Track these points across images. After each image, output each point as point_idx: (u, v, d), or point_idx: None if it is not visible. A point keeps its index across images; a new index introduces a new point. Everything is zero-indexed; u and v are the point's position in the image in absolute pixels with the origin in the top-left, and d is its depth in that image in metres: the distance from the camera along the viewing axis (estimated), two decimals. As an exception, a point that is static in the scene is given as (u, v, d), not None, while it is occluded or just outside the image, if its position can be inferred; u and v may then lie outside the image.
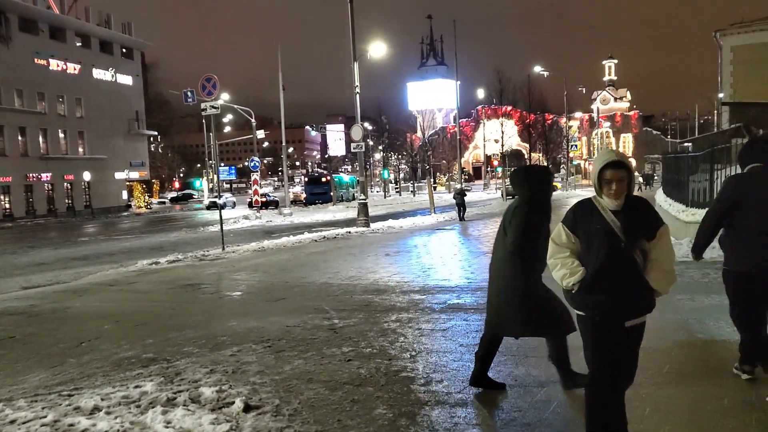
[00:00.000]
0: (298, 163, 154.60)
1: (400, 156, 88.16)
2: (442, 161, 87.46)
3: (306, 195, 56.87)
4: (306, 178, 67.77)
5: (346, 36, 23.22)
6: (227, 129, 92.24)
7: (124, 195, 59.66)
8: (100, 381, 5.39)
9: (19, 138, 48.03)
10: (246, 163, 47.50)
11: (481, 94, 63.39)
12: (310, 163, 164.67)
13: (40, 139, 50.03)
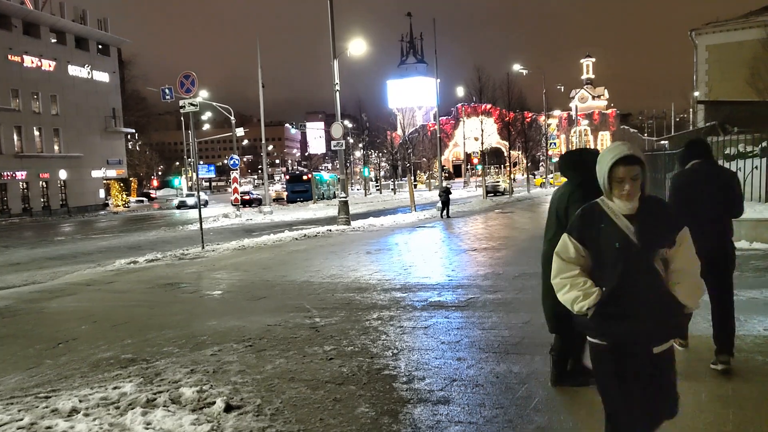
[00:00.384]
0: (278, 161, 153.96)
1: (381, 154, 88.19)
2: (423, 159, 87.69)
3: (287, 193, 57.49)
4: (287, 177, 68.30)
5: (326, 33, 23.18)
6: (206, 127, 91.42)
7: (101, 193, 58.90)
8: (78, 382, 5.31)
9: (-7, 136, 47.19)
10: (225, 161, 47.17)
11: (460, 92, 63.65)
12: (290, 161, 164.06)
13: (15, 137, 49.16)
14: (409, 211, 29.04)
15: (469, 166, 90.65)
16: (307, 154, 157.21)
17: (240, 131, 44.23)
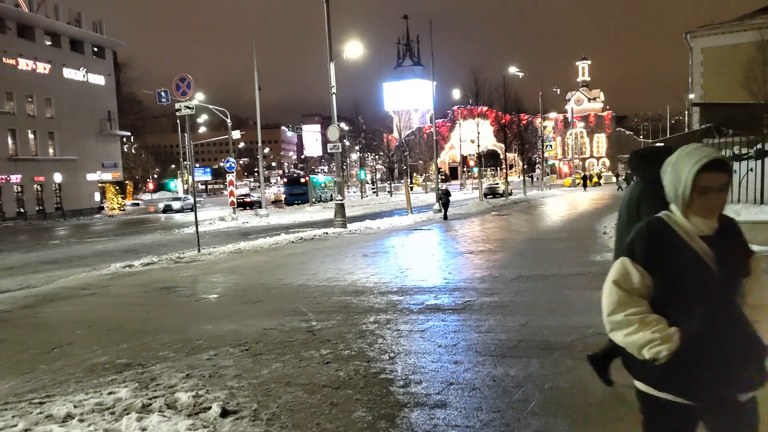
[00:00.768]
0: (274, 164, 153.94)
1: (377, 156, 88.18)
2: (419, 161, 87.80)
3: (285, 195, 58.14)
4: (285, 179, 69.16)
5: (322, 35, 23.17)
6: (202, 129, 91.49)
7: (97, 197, 58.66)
8: (72, 387, 5.28)
9: (-12, 139, 47.04)
10: (222, 164, 47.17)
11: (457, 94, 63.50)
12: (286, 164, 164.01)
13: (9, 140, 48.98)
14: (405, 214, 29.05)
15: (465, 169, 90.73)
16: (303, 157, 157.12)
17: (236, 134, 44.32)
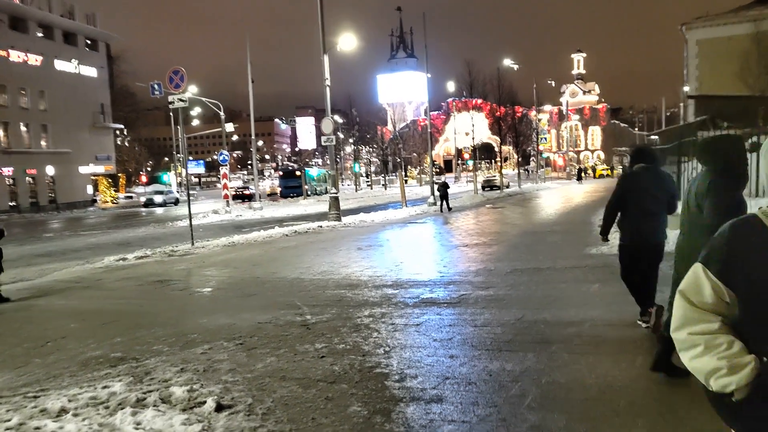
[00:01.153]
0: (267, 157, 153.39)
1: (371, 149, 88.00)
2: (413, 154, 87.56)
3: (281, 188, 58.48)
4: (281, 172, 69.58)
5: (316, 27, 23.06)
6: (195, 122, 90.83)
7: (90, 190, 58.38)
8: (66, 382, 5.25)
9: (-21, 131, 46.71)
10: (215, 157, 47.04)
11: (451, 86, 63.48)
12: (280, 157, 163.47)
13: (1, 133, 48.64)
14: (400, 207, 29.05)
15: (459, 162, 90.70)
16: (297, 150, 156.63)
17: (229, 126, 44.07)
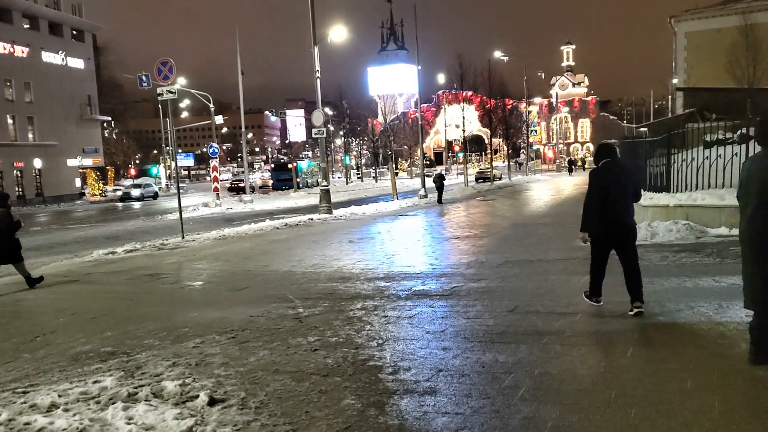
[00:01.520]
0: (257, 149, 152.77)
1: (362, 141, 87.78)
2: (404, 147, 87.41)
3: (273, 181, 58.77)
4: (273, 165, 70.19)
5: (306, 19, 22.92)
6: (184, 114, 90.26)
7: (78, 183, 57.91)
8: (56, 376, 5.21)
9: (-35, 124, 46.13)
10: (205, 149, 46.74)
11: (442, 79, 63.36)
12: (270, 149, 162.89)
13: (-13, 125, 48.15)
14: (391, 199, 29.03)
15: (450, 154, 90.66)
16: (287, 142, 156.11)
17: (219, 119, 43.73)
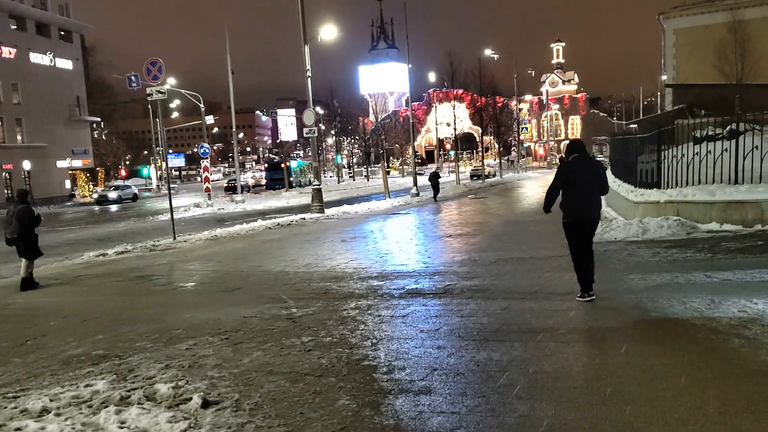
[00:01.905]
0: (249, 149, 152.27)
1: (353, 140, 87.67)
2: (395, 145, 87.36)
3: (267, 180, 59.29)
4: (266, 165, 71.06)
5: (296, 17, 22.84)
6: (175, 114, 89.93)
7: (67, 184, 57.50)
8: (48, 381, 5.15)
9: (-48, 126, 45.67)
10: (195, 150, 46.56)
11: (432, 77, 63.39)
12: (261, 149, 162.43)
13: (-25, 127, 47.70)
14: (383, 198, 29.02)
15: (441, 152, 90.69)
16: (278, 142, 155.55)
17: (210, 119, 43.60)
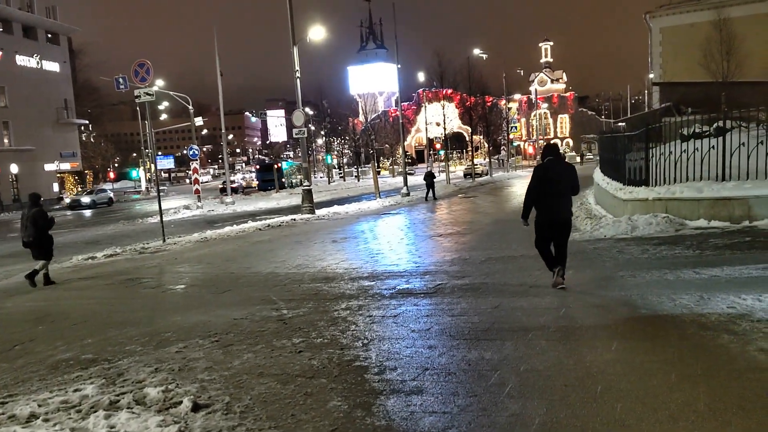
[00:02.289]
0: (238, 150, 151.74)
1: (343, 141, 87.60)
2: (386, 145, 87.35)
3: (258, 182, 59.24)
4: (258, 166, 71.69)
5: (285, 18, 22.81)
6: (163, 116, 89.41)
7: (56, 187, 57.14)
8: (36, 386, 5.11)
9: (-62, 130, 45.23)
10: (185, 151, 46.40)
11: (421, 77, 63.36)
12: (251, 150, 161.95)
13: (-39, 131, 47.27)
14: (373, 198, 29.04)
15: (431, 152, 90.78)
16: (268, 143, 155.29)
17: (199, 120, 43.45)
